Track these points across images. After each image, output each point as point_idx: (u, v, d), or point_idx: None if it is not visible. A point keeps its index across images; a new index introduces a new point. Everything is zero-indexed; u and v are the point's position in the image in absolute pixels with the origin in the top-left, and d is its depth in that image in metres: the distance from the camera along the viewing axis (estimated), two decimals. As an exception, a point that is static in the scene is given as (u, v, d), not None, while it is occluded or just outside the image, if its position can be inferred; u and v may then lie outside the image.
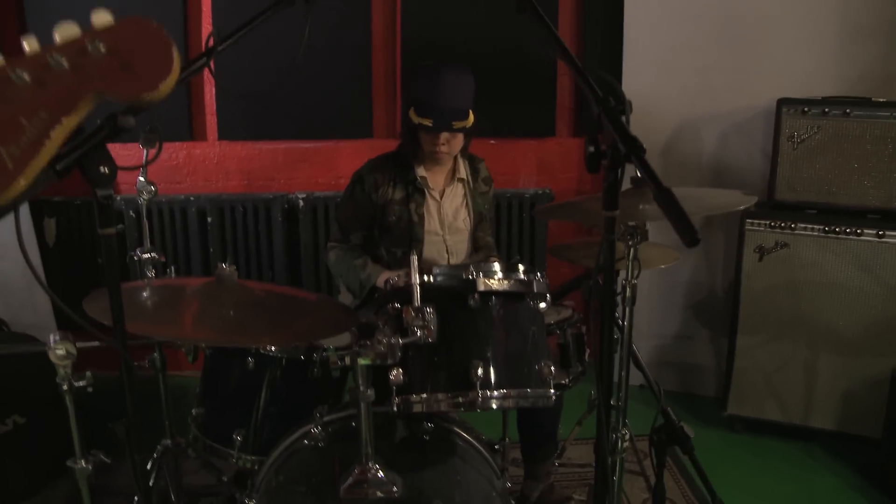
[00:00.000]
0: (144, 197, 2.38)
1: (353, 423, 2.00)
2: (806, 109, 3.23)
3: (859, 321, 3.19)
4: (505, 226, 3.94)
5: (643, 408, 3.06)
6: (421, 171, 2.71)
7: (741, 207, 2.31)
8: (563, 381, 2.27)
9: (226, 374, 2.28)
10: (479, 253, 2.90)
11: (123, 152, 3.84)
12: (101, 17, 0.65)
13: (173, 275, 2.52)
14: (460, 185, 2.82)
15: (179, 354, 3.80)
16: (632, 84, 3.62)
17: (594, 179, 4.05)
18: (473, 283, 1.76)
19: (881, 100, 3.19)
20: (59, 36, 0.65)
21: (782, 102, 3.27)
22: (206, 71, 1.56)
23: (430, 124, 2.51)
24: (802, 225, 3.22)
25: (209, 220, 3.87)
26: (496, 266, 1.81)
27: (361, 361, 1.62)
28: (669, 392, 3.74)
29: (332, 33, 3.71)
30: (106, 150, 1.22)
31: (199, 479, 3.05)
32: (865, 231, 3.13)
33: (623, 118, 1.28)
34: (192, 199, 3.85)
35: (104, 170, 1.21)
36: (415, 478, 1.77)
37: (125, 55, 0.65)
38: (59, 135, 0.65)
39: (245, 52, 3.54)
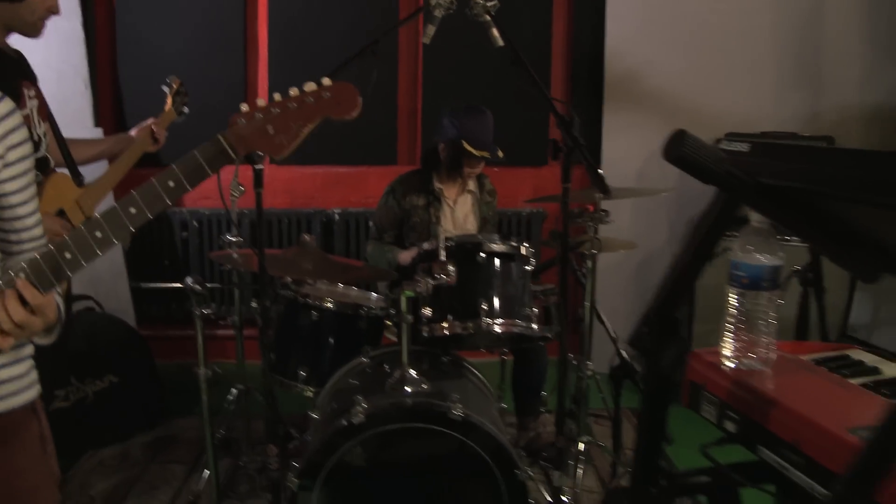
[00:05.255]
0: (235, 195, 3.18)
1: (386, 366, 2.75)
2: (746, 141, 4.06)
3: (787, 309, 3.93)
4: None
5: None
6: (438, 184, 3.53)
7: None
8: (547, 335, 3.02)
9: (294, 325, 3.04)
10: None
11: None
12: (326, 81, 1.43)
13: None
14: (469, 196, 3.63)
15: (224, 345, 4.56)
16: (612, 122, 4.48)
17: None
18: (480, 244, 2.56)
19: (806, 134, 4.02)
20: (306, 87, 1.43)
21: (729, 136, 4.09)
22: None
23: (488, 155, 3.34)
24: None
25: (259, 229, 4.67)
26: (495, 236, 2.61)
27: (406, 294, 2.41)
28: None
29: (365, 76, 4.54)
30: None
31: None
32: (794, 238, 3.91)
33: (574, 130, 2.09)
34: (245, 212, 4.64)
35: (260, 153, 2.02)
36: (437, 384, 2.53)
37: (338, 98, 1.42)
38: (306, 132, 1.43)
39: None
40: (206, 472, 2.93)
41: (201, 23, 4.55)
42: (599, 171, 2.42)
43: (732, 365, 1.36)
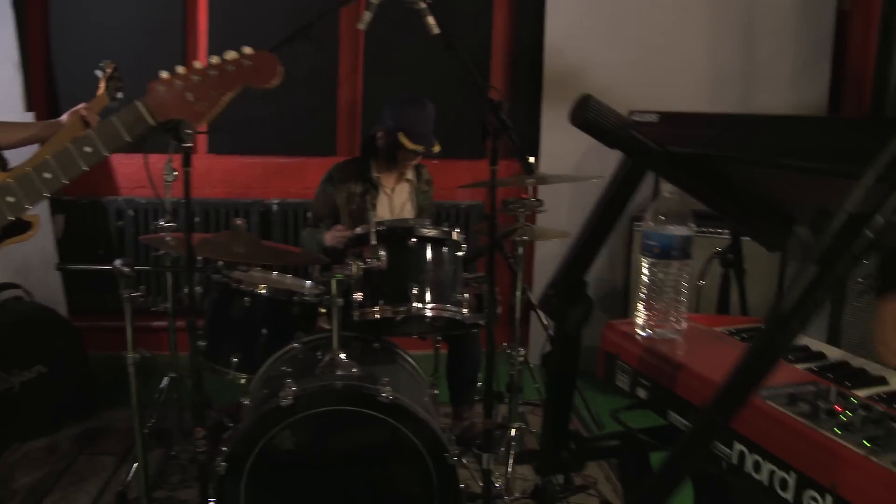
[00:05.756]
0: (168, 179, 3.13)
1: (318, 352, 2.73)
2: (681, 138, 4.15)
3: (709, 290, 4.01)
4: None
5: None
6: (376, 172, 3.53)
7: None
8: (479, 322, 3.04)
9: (227, 311, 3.01)
10: None
11: (130, 160, 4.58)
12: (247, 50, 1.43)
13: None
14: (407, 185, 3.63)
15: (159, 336, 4.49)
16: (551, 116, 4.53)
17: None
18: (411, 229, 2.56)
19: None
20: (227, 56, 1.43)
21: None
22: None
23: (423, 150, 3.33)
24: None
25: (196, 219, 4.60)
26: (427, 221, 2.62)
27: (336, 277, 2.40)
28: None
29: (301, 62, 4.50)
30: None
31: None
32: (723, 232, 4.00)
33: (503, 113, 2.11)
34: (181, 201, 4.56)
35: (188, 132, 2.00)
36: (368, 368, 2.53)
37: (258, 66, 1.43)
38: (226, 99, 1.44)
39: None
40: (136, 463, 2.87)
41: (139, 6, 4.47)
42: (530, 158, 2.45)
43: (645, 334, 1.38)
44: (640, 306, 1.38)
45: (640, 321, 1.39)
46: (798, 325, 0.72)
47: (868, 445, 0.97)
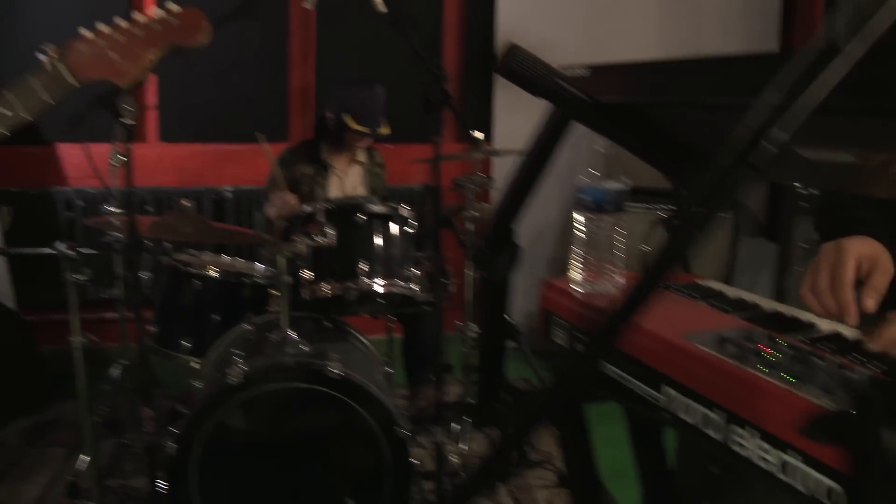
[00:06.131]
0: (114, 163, 3.08)
1: (268, 331, 2.71)
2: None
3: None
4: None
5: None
6: (327, 154, 3.51)
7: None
8: (430, 299, 3.03)
9: (177, 295, 2.97)
10: None
11: (78, 150, 4.50)
12: (173, 6, 1.42)
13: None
14: (358, 167, 3.61)
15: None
16: (504, 99, 4.53)
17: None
18: (360, 206, 2.55)
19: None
20: (153, 13, 1.41)
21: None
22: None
23: (368, 132, 3.31)
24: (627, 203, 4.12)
25: (149, 209, 4.54)
26: (375, 198, 2.61)
27: (283, 255, 2.38)
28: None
29: (255, 51, 4.47)
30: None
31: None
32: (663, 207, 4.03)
33: (443, 86, 2.11)
34: (134, 190, 4.50)
35: (129, 108, 1.97)
36: (318, 346, 2.51)
37: (185, 23, 1.41)
38: (150, 57, 1.41)
39: (180, 63, 4.27)
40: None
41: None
42: (476, 133, 2.46)
43: (582, 290, 1.39)
44: (576, 262, 1.38)
45: (576, 277, 1.39)
46: (697, 231, 0.73)
47: (792, 381, 0.99)
